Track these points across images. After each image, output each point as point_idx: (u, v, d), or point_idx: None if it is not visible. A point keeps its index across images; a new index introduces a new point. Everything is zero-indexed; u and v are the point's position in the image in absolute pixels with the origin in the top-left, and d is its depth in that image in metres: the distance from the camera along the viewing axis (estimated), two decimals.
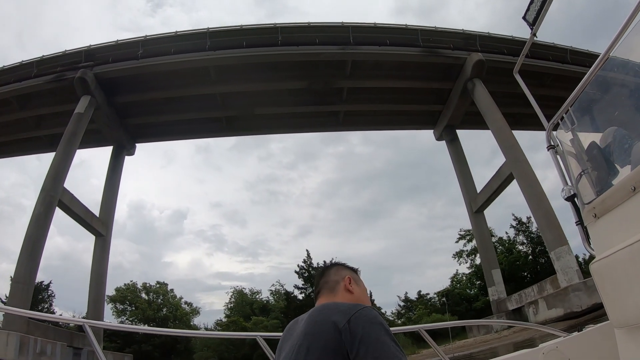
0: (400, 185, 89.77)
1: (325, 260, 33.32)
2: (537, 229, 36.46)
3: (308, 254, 36.67)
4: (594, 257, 2.03)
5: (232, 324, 33.40)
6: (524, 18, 2.72)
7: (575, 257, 21.96)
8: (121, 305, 38.90)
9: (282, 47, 26.80)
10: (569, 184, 2.39)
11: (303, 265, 36.22)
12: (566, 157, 2.51)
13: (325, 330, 1.13)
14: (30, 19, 71.59)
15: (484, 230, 29.95)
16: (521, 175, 23.61)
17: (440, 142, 33.77)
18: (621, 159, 2.06)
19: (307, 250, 40.99)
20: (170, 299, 41.45)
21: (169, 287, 41.92)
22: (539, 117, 2.82)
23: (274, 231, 79.39)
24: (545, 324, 17.67)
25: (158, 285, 41.30)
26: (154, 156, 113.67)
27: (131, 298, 39.15)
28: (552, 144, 2.56)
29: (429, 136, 34.82)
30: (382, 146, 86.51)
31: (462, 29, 28.96)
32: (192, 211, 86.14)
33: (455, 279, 42.12)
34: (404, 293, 41.47)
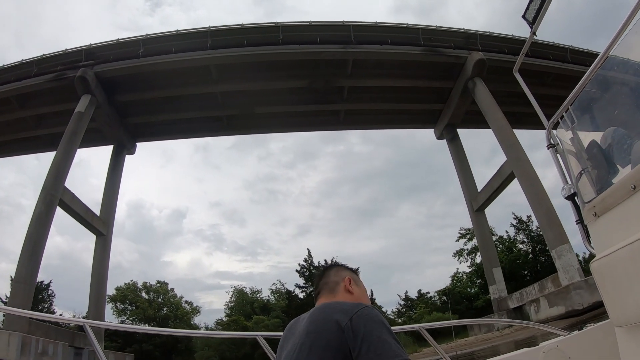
0: (400, 184, 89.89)
1: (325, 260, 33.46)
2: (537, 228, 36.55)
3: (309, 253, 36.85)
4: (594, 256, 2.03)
5: (233, 323, 33.47)
6: (523, 17, 2.71)
7: (576, 256, 21.98)
8: (122, 305, 38.98)
9: (284, 46, 26.82)
10: (569, 182, 2.38)
11: (304, 264, 36.35)
12: (566, 156, 2.51)
13: (328, 329, 1.13)
14: (29, 19, 71.65)
15: (484, 228, 29.97)
16: (522, 174, 23.63)
17: (439, 141, 33.85)
18: (621, 157, 2.06)
19: (308, 249, 41.19)
20: (170, 299, 41.49)
21: (169, 287, 42.07)
22: (539, 116, 2.82)
23: (273, 230, 79.65)
24: (546, 322, 17.72)
25: (158, 284, 41.38)
26: (153, 155, 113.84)
27: (132, 297, 39.22)
28: (552, 142, 2.56)
29: (428, 135, 34.93)
30: (382, 145, 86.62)
31: (463, 28, 28.96)
32: (191, 210, 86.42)
33: (455, 278, 42.25)
34: (404, 292, 41.76)
